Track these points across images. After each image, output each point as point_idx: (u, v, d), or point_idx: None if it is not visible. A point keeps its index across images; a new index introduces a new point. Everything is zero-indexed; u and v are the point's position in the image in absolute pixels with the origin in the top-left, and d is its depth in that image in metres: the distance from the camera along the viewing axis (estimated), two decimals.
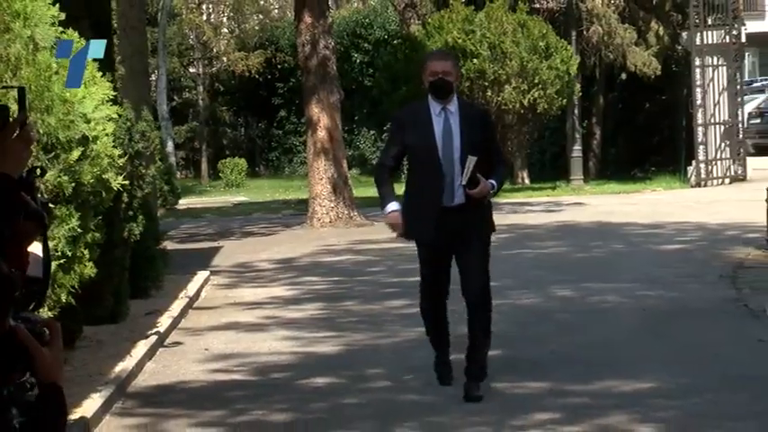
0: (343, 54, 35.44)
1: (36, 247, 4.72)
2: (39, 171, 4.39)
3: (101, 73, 9.88)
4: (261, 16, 43.19)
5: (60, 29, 8.85)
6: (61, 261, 8.53)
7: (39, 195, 4.29)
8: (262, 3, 43.51)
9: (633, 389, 10.08)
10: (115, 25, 15.73)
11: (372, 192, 12.71)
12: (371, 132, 38.72)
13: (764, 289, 13.63)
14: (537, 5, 31.88)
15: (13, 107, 4.09)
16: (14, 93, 5.02)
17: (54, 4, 8.84)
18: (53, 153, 8.54)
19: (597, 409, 9.37)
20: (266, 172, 39.44)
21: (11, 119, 4.23)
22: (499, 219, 11.28)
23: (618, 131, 34.12)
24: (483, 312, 9.59)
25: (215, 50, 40.52)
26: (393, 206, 9.53)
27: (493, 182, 9.39)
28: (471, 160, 9.13)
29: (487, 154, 9.44)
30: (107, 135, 9.22)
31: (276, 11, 43.60)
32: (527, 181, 32.23)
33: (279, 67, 39.63)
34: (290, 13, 34.06)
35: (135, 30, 19.49)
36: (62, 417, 3.78)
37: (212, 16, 42.97)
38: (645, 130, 33.88)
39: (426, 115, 9.47)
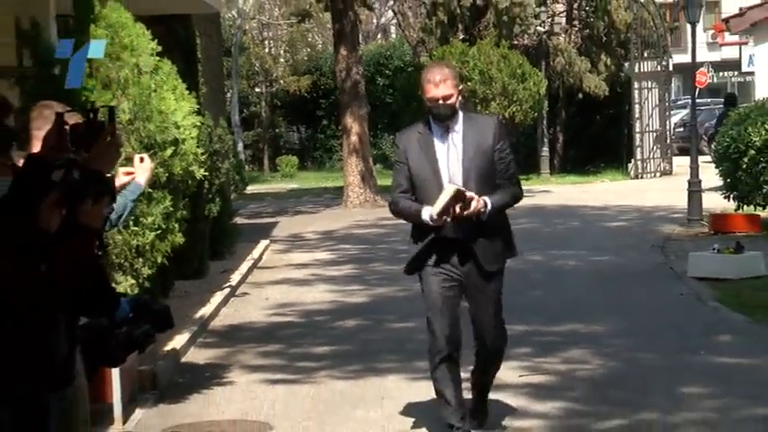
0: (370, 78, 35.34)
1: None
2: None
3: (188, 91, 9.83)
4: (309, 49, 43.11)
5: (158, 58, 8.80)
6: (158, 232, 8.50)
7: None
8: (309, 39, 43.43)
9: (588, 330, 10.05)
10: (199, 56, 15.68)
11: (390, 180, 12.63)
12: (391, 137, 38.59)
13: (685, 256, 13.55)
14: (515, 42, 31.68)
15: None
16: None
17: (153, 40, 8.79)
18: (152, 151, 8.47)
19: (562, 345, 9.35)
20: (312, 166, 39.31)
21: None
22: None
23: (576, 137, 33.95)
24: (494, 356, 6.70)
25: (274, 75, 40.43)
26: (426, 209, 6.29)
27: (486, 199, 6.29)
28: (449, 189, 6.21)
29: (494, 172, 6.44)
30: (192, 138, 9.17)
31: (320, 45, 43.49)
32: None
33: (322, 87, 39.52)
34: (330, 47, 33.95)
35: (214, 59, 19.45)
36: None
37: (272, 49, 42.89)
38: (596, 136, 33.70)
39: (428, 139, 6.44)
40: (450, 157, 6.42)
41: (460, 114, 6.50)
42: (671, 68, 31.72)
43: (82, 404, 4.96)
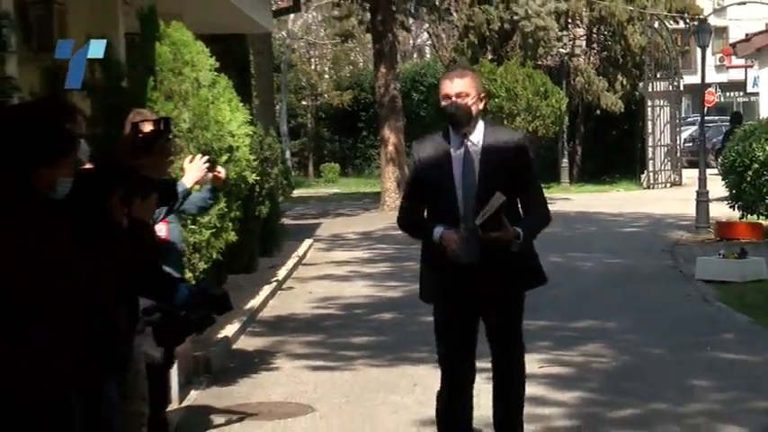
0: (406, 94, 35.28)
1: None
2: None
3: (242, 103, 9.83)
4: (351, 67, 43.12)
5: (215, 73, 8.81)
6: (213, 230, 8.52)
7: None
8: (352, 58, 43.44)
9: (603, 326, 9.98)
10: (252, 71, 15.72)
11: None
12: None
13: (693, 260, 13.43)
14: (539, 63, 31.54)
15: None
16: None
17: (212, 57, 8.80)
18: (209, 157, 8.50)
19: (579, 340, 9.30)
20: (353, 173, 39.32)
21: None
22: None
23: (593, 149, 33.76)
24: (512, 387, 5.50)
25: (319, 90, 40.48)
26: (438, 228, 5.22)
27: (519, 230, 5.11)
28: (498, 198, 5.00)
29: (518, 193, 5.27)
30: (246, 146, 9.17)
31: (361, 63, 43.51)
32: None
33: (362, 101, 39.53)
34: (371, 65, 33.95)
35: (265, 75, 19.52)
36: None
37: (318, 66, 42.94)
38: (612, 149, 33.52)
39: (444, 150, 5.23)
40: (465, 172, 5.17)
41: (481, 124, 5.25)
42: (681, 88, 31.54)
43: (141, 384, 4.98)
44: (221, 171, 6.24)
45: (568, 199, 26.13)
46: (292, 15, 35.14)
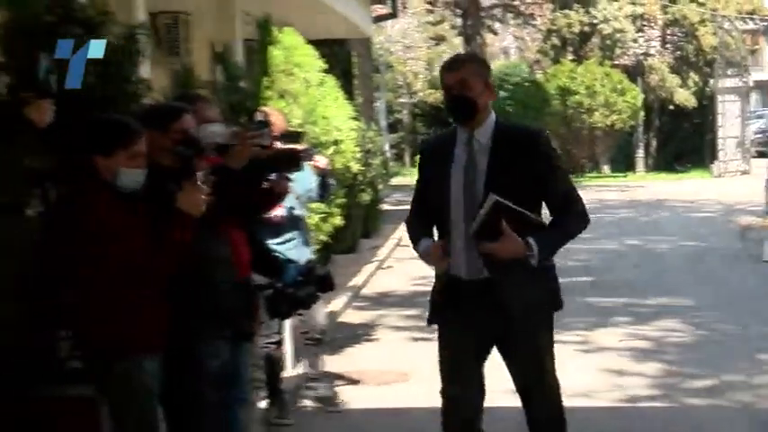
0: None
1: None
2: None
3: (348, 101, 9.84)
4: None
5: (322, 74, 8.84)
6: (322, 215, 8.56)
7: None
8: (444, 59, 43.34)
9: (676, 303, 9.77)
10: (355, 72, 15.75)
11: None
12: None
13: (762, 243, 13.06)
14: (616, 62, 31.05)
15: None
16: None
17: (319, 59, 8.83)
18: (317, 149, 8.55)
19: (654, 316, 9.11)
20: None
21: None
22: (586, 195, 5.20)
23: (667, 141, 33.12)
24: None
25: (414, 88, 40.46)
26: (426, 241, 4.01)
27: (531, 240, 3.72)
28: (490, 199, 3.66)
29: (543, 195, 3.86)
30: (351, 139, 9.21)
31: None
32: (608, 171, 31.44)
33: None
34: None
35: (366, 76, 19.54)
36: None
37: (413, 67, 42.89)
38: (684, 141, 32.85)
39: (448, 147, 3.95)
40: (467, 176, 3.87)
41: (492, 119, 3.95)
42: (751, 84, 30.72)
43: (249, 351, 5.05)
44: (319, 160, 6.23)
45: (643, 186, 25.66)
46: (390, 21, 35.12)
